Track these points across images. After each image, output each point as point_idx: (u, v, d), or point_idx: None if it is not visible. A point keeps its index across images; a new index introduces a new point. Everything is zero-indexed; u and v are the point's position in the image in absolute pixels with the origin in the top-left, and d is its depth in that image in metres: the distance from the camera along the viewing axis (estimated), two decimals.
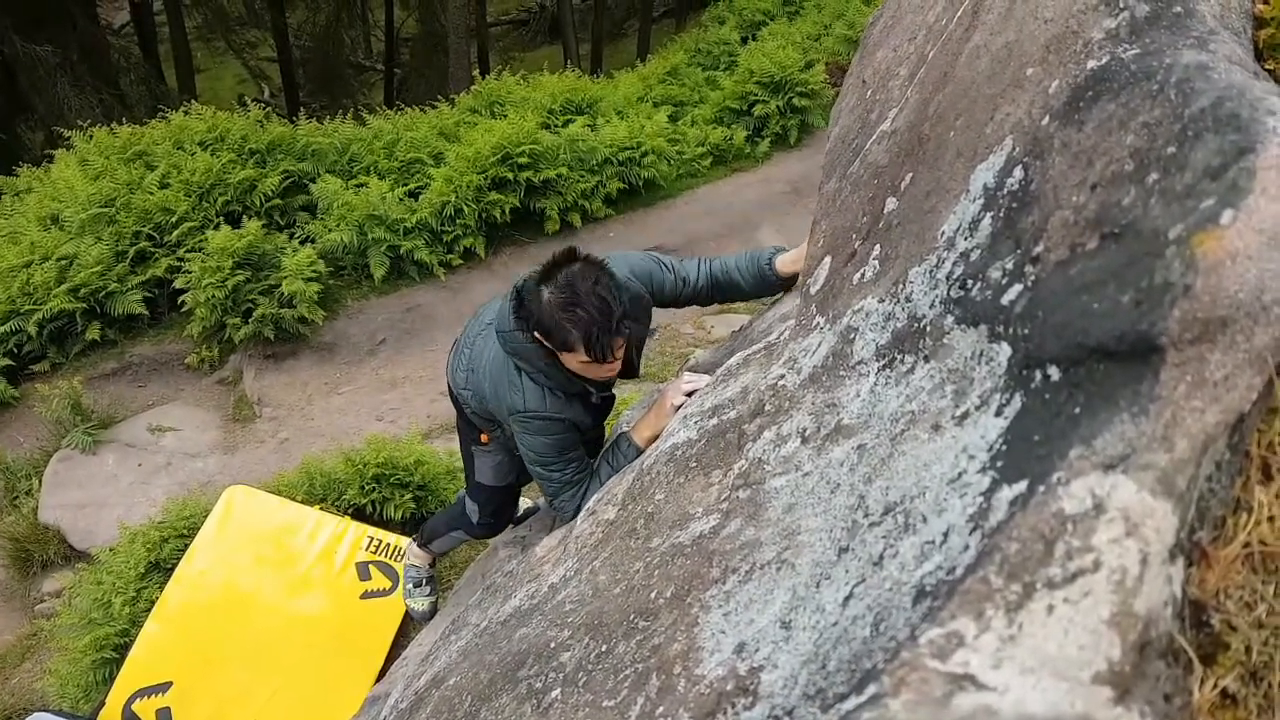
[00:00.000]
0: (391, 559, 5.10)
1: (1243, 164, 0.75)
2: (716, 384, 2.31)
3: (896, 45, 1.74)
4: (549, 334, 2.26)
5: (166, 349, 7.76)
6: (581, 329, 2.20)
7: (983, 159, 1.17)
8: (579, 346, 2.23)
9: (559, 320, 2.21)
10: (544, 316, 2.23)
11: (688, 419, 2.16)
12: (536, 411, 2.47)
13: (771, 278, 2.63)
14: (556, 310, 2.21)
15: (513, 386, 2.48)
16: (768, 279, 2.65)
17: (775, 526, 1.16)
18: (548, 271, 2.27)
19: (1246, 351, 0.69)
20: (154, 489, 6.60)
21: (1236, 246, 0.70)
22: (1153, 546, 0.66)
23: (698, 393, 2.41)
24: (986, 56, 1.28)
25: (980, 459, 0.87)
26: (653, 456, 2.18)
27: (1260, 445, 0.77)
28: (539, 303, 2.24)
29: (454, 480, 5.75)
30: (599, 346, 2.22)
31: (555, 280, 2.23)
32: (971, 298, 1.06)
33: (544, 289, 2.24)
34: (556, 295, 2.21)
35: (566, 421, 2.50)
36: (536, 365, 2.42)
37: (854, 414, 1.23)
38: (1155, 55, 0.94)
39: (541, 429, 2.50)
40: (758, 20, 11.97)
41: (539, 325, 2.27)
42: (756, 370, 2.00)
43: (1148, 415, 0.71)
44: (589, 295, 2.20)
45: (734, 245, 8.63)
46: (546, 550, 2.63)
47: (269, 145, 8.27)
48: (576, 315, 2.20)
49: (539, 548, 2.88)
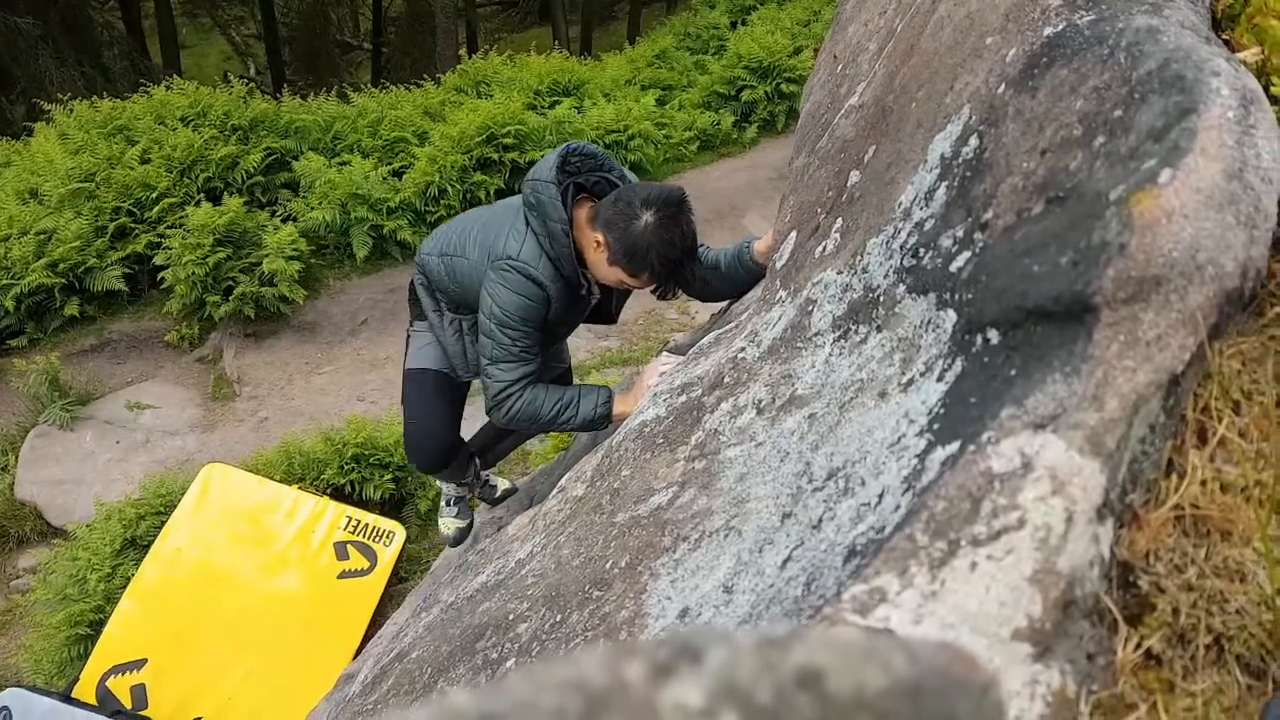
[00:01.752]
0: (370, 539, 5.09)
1: (1185, 124, 0.74)
2: (689, 362, 2.30)
3: (867, 20, 1.73)
4: (631, 253, 2.27)
5: (146, 326, 7.71)
6: (670, 267, 2.28)
7: (941, 129, 1.16)
8: (652, 278, 2.32)
9: (652, 249, 2.24)
10: (637, 238, 2.24)
11: (657, 397, 2.15)
12: (525, 264, 2.39)
13: (749, 262, 2.63)
14: (656, 241, 2.23)
15: (514, 233, 2.43)
16: (746, 264, 2.64)
17: (726, 495, 1.16)
18: (646, 198, 2.27)
19: (1180, 311, 0.69)
20: (132, 466, 6.57)
21: (1173, 205, 0.69)
22: (1079, 505, 0.65)
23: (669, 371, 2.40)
24: (950, 27, 1.27)
25: (919, 423, 0.86)
26: (621, 434, 2.17)
27: (1195, 409, 0.76)
28: (634, 222, 2.24)
29: None
30: (670, 290, 2.37)
31: (660, 210, 2.24)
32: (923, 266, 1.06)
33: (646, 213, 2.25)
34: (661, 227, 2.23)
35: (546, 293, 2.42)
36: (552, 229, 2.36)
37: (808, 384, 1.22)
38: (1109, 20, 0.93)
39: (519, 285, 2.40)
40: (747, 5, 11.92)
41: (623, 241, 2.26)
42: (725, 348, 2.00)
43: (1079, 375, 0.70)
44: (684, 237, 2.26)
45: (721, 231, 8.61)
46: (518, 529, 2.63)
47: (252, 122, 8.20)
48: (669, 254, 2.25)
49: (511, 526, 2.87)
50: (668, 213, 2.24)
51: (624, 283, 2.39)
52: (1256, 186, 0.72)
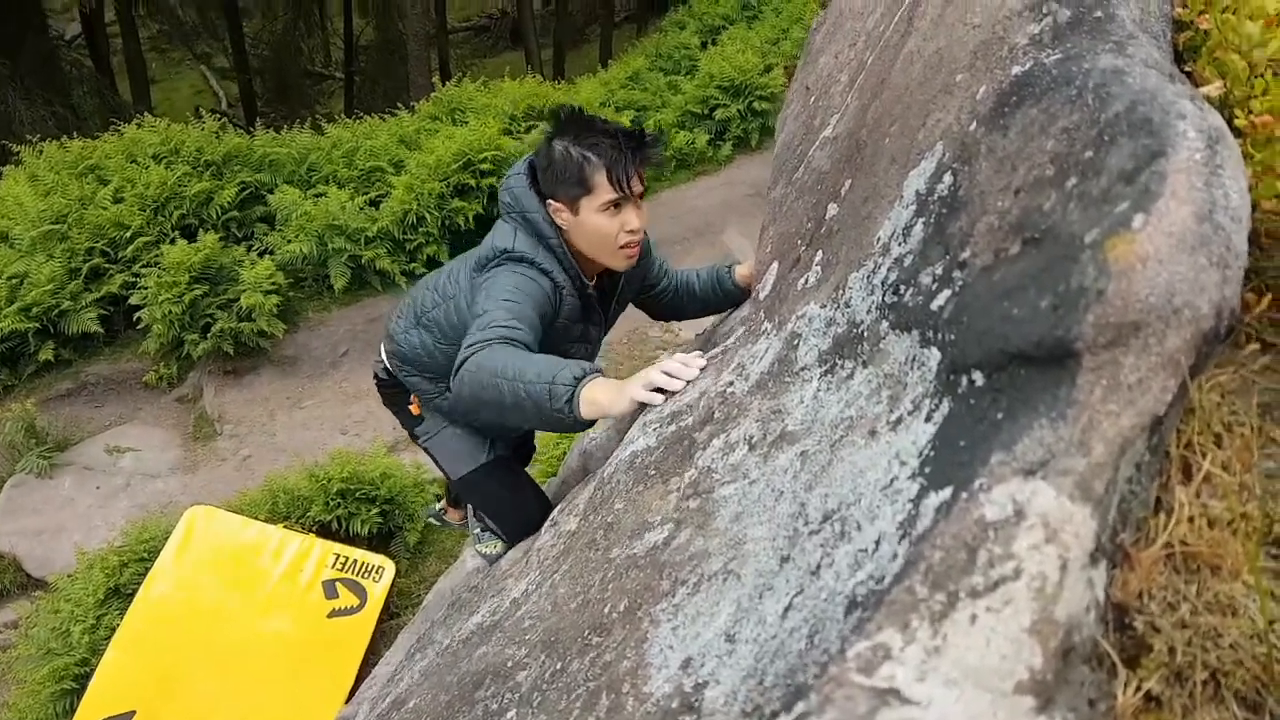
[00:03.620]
0: (359, 576, 5.04)
1: (1154, 167, 0.76)
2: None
3: (838, 51, 1.75)
4: (566, 176, 2.10)
5: (123, 367, 7.64)
6: (604, 151, 2.07)
7: (915, 165, 1.17)
8: (599, 173, 2.07)
9: (575, 154, 2.09)
10: (559, 161, 2.10)
11: (647, 426, 2.15)
12: (523, 253, 2.15)
13: (729, 285, 2.64)
14: (572, 145, 2.09)
15: (500, 234, 2.21)
16: (725, 287, 2.65)
17: (723, 536, 1.16)
18: (553, 128, 2.17)
19: (1159, 355, 0.70)
20: (113, 512, 6.49)
21: (1148, 250, 0.71)
22: (1072, 552, 0.67)
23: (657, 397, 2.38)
24: (920, 62, 1.29)
25: (911, 465, 0.87)
26: (613, 465, 2.17)
27: (1179, 444, 0.78)
28: (551, 154, 2.12)
29: (422, 493, 5.71)
30: (620, 169, 2.06)
31: (566, 127, 2.14)
32: (905, 303, 1.07)
33: (553, 142, 2.13)
34: (570, 135, 2.11)
35: (554, 282, 2.15)
36: (534, 220, 2.18)
37: (798, 420, 1.23)
38: (1075, 60, 0.95)
39: (523, 270, 2.13)
40: (717, 25, 12.05)
41: (556, 174, 2.12)
42: (713, 374, 2.00)
43: (1065, 420, 0.71)
44: (604, 124, 2.11)
45: (699, 248, 8.65)
46: (510, 563, 2.62)
47: (225, 156, 8.18)
48: (597, 141, 2.08)
49: (504, 560, 2.86)
50: (566, 122, 2.14)
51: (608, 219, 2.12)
52: (1227, 226, 0.74)
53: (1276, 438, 0.82)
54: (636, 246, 2.19)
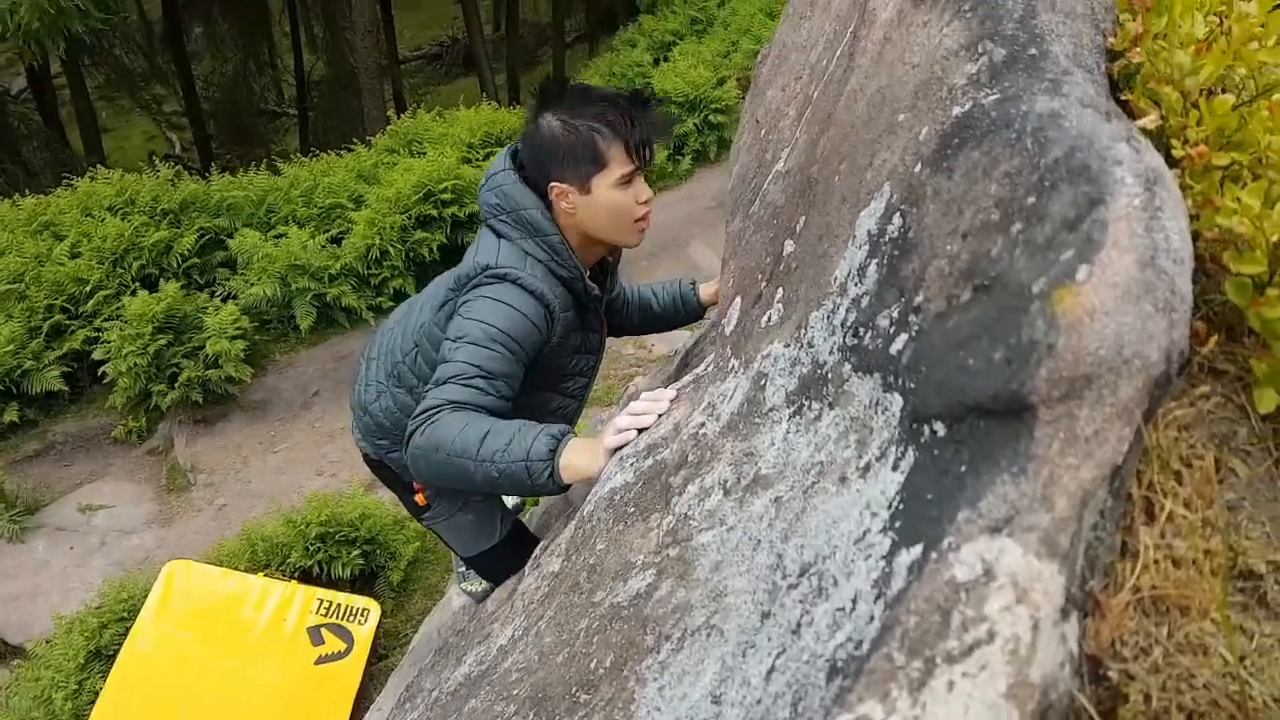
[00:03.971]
0: (344, 620, 5.00)
1: (1095, 215, 0.77)
2: None
3: (784, 84, 1.77)
4: (575, 154, 1.90)
5: (91, 424, 7.54)
6: (615, 121, 1.88)
7: (865, 205, 1.19)
8: (615, 145, 1.89)
9: (583, 128, 1.89)
10: (560, 139, 1.90)
11: (624, 460, 2.14)
12: (508, 269, 1.89)
13: (695, 304, 2.62)
14: (573, 119, 1.89)
15: (484, 246, 1.98)
16: (690, 305, 2.64)
17: (704, 587, 1.16)
18: (541, 105, 1.96)
19: (1113, 405, 0.71)
20: (90, 572, 6.39)
21: (1094, 303, 0.72)
22: (1043, 610, 0.67)
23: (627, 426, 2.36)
24: (863, 100, 1.31)
25: (882, 517, 0.88)
26: (591, 504, 2.16)
27: (1141, 486, 0.79)
28: (546, 133, 1.91)
29: (402, 529, 5.67)
30: (637, 137, 1.89)
31: (558, 103, 1.93)
32: (865, 346, 1.08)
33: (546, 118, 1.92)
34: (566, 108, 1.91)
35: (547, 308, 1.93)
36: (531, 218, 1.95)
37: (770, 463, 1.23)
38: (1013, 101, 0.97)
39: (510, 295, 1.88)
40: (667, 41, 12.14)
41: (558, 153, 1.91)
42: (687, 405, 2.01)
43: (1027, 475, 0.72)
44: (601, 91, 1.94)
45: (666, 263, 8.68)
46: (497, 605, 2.60)
47: (182, 204, 8.11)
48: (603, 110, 1.89)
49: (490, 601, 2.84)
50: (539, 96, 1.96)
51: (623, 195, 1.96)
52: (1169, 270, 0.75)
53: (1235, 468, 0.84)
54: (649, 216, 2.05)
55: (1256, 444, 0.87)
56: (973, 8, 1.14)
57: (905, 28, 1.27)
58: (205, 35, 16.20)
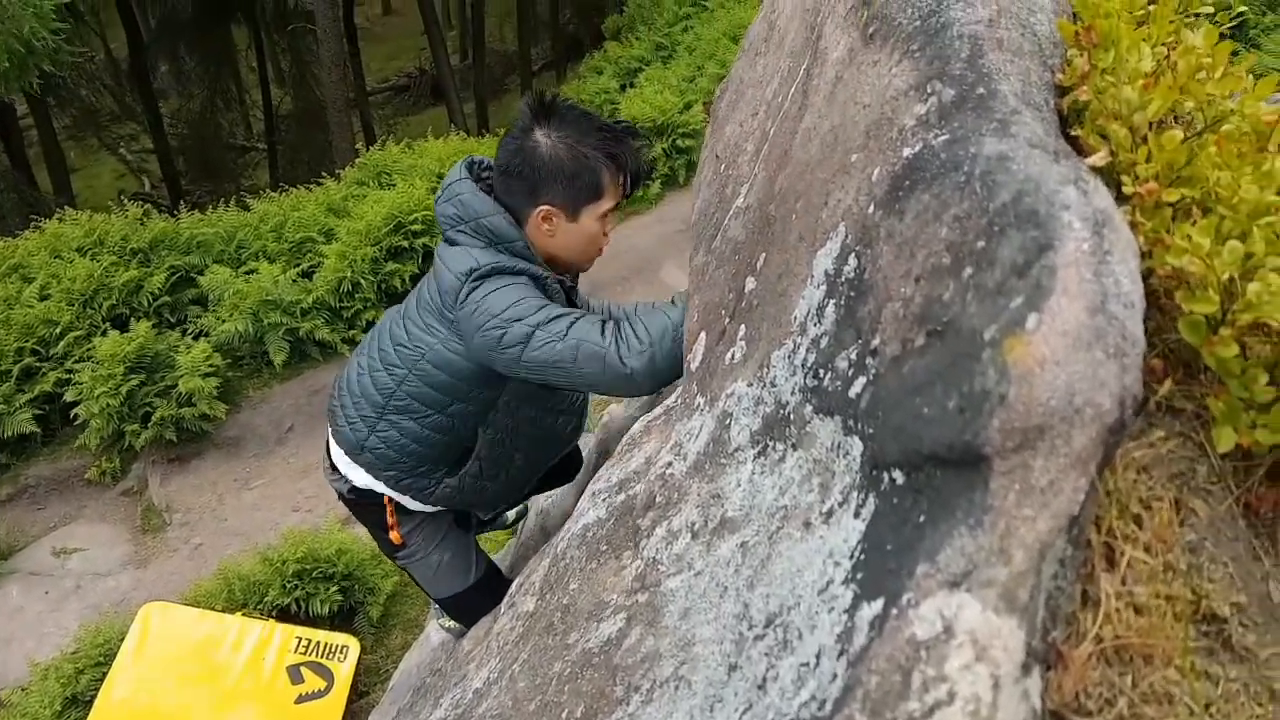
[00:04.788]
0: (323, 658, 4.94)
1: (1044, 261, 0.77)
2: (622, 454, 2.29)
3: (742, 120, 1.77)
4: (574, 181, 1.90)
5: (64, 466, 7.45)
6: (619, 153, 1.90)
7: (822, 244, 1.19)
8: (617, 179, 1.93)
9: (588, 156, 1.89)
10: (565, 162, 1.89)
11: (596, 496, 2.13)
12: (494, 264, 1.92)
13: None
14: (576, 144, 1.89)
15: (453, 259, 1.96)
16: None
17: (673, 635, 1.15)
18: (536, 120, 1.92)
19: (1067, 455, 0.71)
20: (65, 616, 6.29)
21: (1044, 352, 0.72)
22: (1003, 668, 0.66)
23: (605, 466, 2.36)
24: (817, 139, 1.31)
25: (844, 567, 0.87)
26: (565, 540, 2.14)
27: (1101, 531, 0.79)
28: (548, 154, 1.88)
29: (380, 564, 5.62)
30: (637, 174, 1.94)
31: (549, 121, 1.91)
32: (825, 388, 1.07)
33: (547, 137, 1.90)
34: (571, 132, 1.90)
35: (527, 273, 1.96)
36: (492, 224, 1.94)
37: (736, 505, 1.22)
38: (962, 143, 0.97)
39: (505, 280, 1.92)
40: (633, 67, 12.24)
41: (551, 176, 1.89)
42: (657, 439, 1.99)
43: (983, 527, 0.72)
44: (600, 120, 1.93)
45: (639, 286, 8.70)
46: (473, 644, 2.56)
47: (152, 242, 8.06)
48: (604, 141, 1.90)
49: (467, 639, 2.80)
50: (542, 112, 1.92)
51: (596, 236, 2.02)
52: (1120, 315, 0.75)
53: (1195, 508, 0.83)
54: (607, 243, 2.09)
55: (1217, 482, 0.86)
56: (921, 47, 1.14)
57: (856, 67, 1.27)
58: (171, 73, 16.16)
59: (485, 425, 2.22)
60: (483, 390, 2.11)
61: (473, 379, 2.07)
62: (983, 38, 1.11)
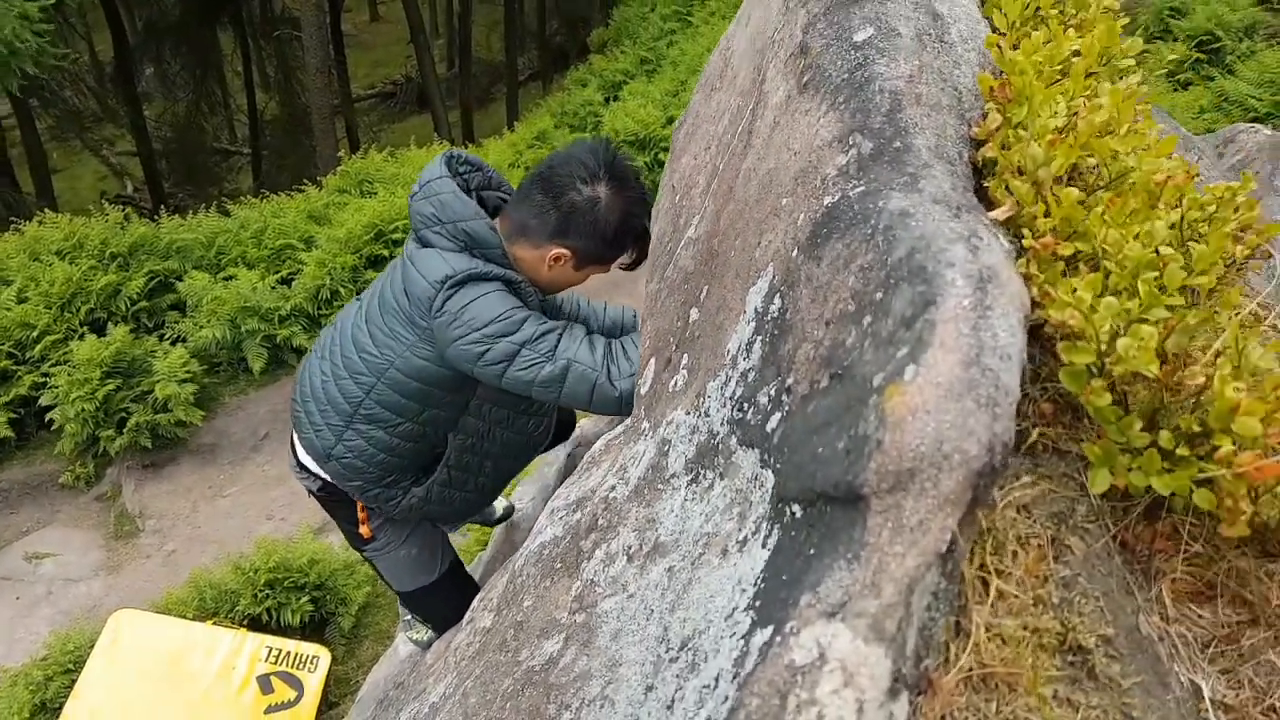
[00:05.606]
0: (294, 668, 4.95)
1: (927, 315, 0.84)
2: (582, 472, 2.34)
3: (696, 153, 1.84)
4: (611, 244, 1.97)
5: (38, 470, 7.42)
6: (642, 233, 1.97)
7: (753, 282, 1.25)
8: (632, 253, 2.02)
9: (637, 229, 1.98)
10: (615, 226, 1.94)
11: (554, 514, 2.17)
12: (469, 270, 1.90)
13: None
14: (627, 217, 1.95)
15: (426, 263, 1.94)
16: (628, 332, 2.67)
17: (603, 656, 1.20)
18: (601, 171, 1.93)
19: (935, 497, 0.77)
20: (35, 622, 6.27)
21: (917, 402, 0.78)
22: (868, 694, 0.72)
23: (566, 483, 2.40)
24: (756, 180, 1.37)
25: (748, 594, 0.93)
26: (523, 557, 2.19)
27: (974, 566, 0.85)
28: (605, 212, 1.92)
29: (352, 574, 5.63)
30: (646, 250, 1.99)
31: (613, 178, 1.94)
32: (748, 420, 1.14)
33: (600, 189, 1.92)
34: (626, 195, 1.94)
35: (501, 280, 1.95)
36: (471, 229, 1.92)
37: (669, 531, 1.28)
38: (874, 196, 1.04)
39: (483, 288, 1.90)
40: (618, 80, 12.34)
41: (601, 233, 1.93)
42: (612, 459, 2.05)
43: (859, 561, 0.78)
44: (642, 187, 1.99)
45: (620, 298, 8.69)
46: (435, 658, 2.60)
47: (131, 247, 8.05)
48: (641, 214, 1.96)
49: (430, 653, 2.85)
50: (615, 171, 1.94)
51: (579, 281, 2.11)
52: (995, 367, 0.81)
53: (1071, 545, 0.90)
54: None
55: (1094, 521, 0.93)
56: (846, 100, 1.21)
57: (791, 114, 1.34)
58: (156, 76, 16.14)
59: (456, 431, 2.23)
60: (455, 394, 2.12)
61: (444, 384, 2.07)
62: (902, 93, 1.18)
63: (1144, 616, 0.90)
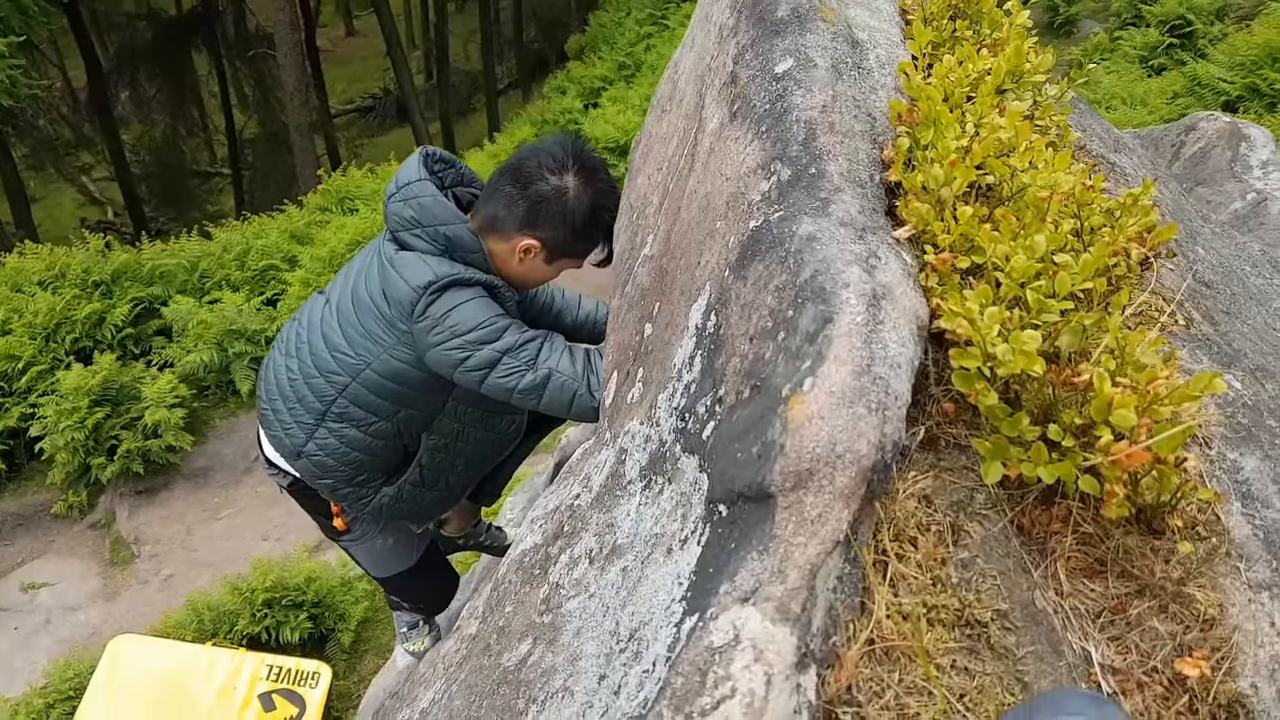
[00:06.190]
0: (295, 684, 5.02)
1: (825, 332, 0.94)
2: (560, 482, 2.43)
3: (650, 174, 1.94)
4: (582, 237, 1.99)
5: (30, 501, 7.48)
6: (610, 228, 1.98)
7: (695, 299, 1.35)
8: (604, 247, 2.03)
9: (599, 218, 1.98)
10: (585, 219, 1.96)
11: (534, 522, 2.27)
12: (452, 275, 1.90)
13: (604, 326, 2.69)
14: (596, 207, 1.96)
15: (407, 267, 1.93)
16: (599, 325, 2.73)
17: (566, 652, 1.30)
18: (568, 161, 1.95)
19: (831, 492, 0.88)
20: (34, 652, 6.33)
21: (813, 410, 0.89)
22: (775, 667, 0.82)
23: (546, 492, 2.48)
24: (696, 203, 1.48)
25: (684, 586, 1.03)
26: (505, 565, 2.28)
27: (875, 550, 0.95)
28: (574, 203, 1.93)
29: (350, 590, 5.71)
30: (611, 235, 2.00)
31: (581, 169, 1.95)
32: (689, 429, 1.24)
33: (568, 179, 1.93)
34: (595, 187, 1.96)
35: (483, 285, 1.96)
36: (452, 233, 1.93)
37: (625, 534, 1.38)
38: (789, 220, 1.14)
39: (466, 294, 1.91)
40: (596, 87, 12.45)
41: (570, 225, 1.95)
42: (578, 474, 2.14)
43: (768, 552, 0.88)
44: (613, 182, 1.99)
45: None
46: (427, 666, 2.70)
47: (114, 274, 8.13)
48: (612, 208, 1.98)
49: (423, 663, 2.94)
50: (583, 161, 1.95)
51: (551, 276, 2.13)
52: (885, 375, 0.92)
53: (970, 530, 1.00)
54: None
55: (992, 507, 1.04)
56: (768, 130, 1.31)
57: (724, 140, 1.44)
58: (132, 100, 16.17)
59: (430, 431, 2.25)
60: (432, 396, 2.14)
61: (421, 386, 2.08)
62: (817, 122, 1.28)
63: (1039, 592, 1.01)
